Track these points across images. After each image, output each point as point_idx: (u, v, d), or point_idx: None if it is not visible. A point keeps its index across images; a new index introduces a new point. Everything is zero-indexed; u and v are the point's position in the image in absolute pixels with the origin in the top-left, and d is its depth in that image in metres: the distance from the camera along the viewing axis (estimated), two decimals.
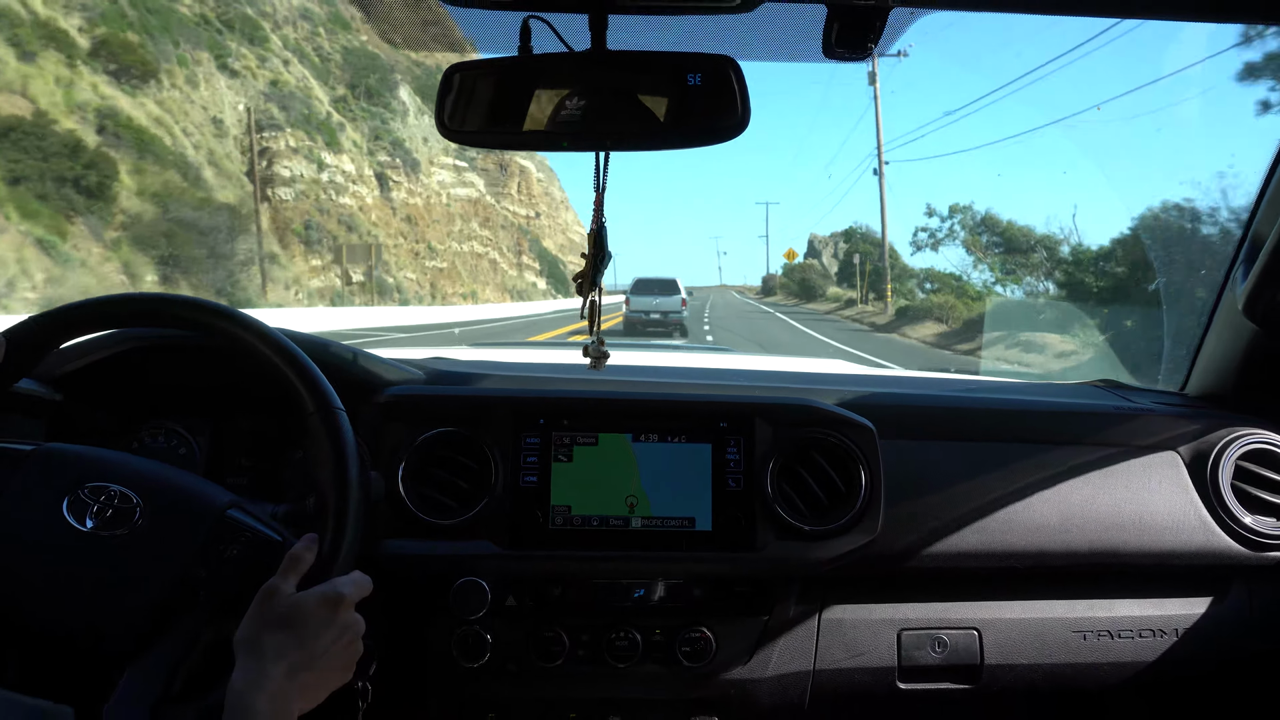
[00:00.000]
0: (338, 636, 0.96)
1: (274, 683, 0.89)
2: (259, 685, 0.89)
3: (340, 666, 0.97)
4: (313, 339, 1.38)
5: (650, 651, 1.39)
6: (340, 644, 0.96)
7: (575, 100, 1.01)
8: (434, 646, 1.37)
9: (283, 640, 0.92)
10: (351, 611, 0.99)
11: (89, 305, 1.10)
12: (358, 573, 1.03)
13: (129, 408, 1.44)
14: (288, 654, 0.91)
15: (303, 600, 0.95)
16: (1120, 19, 1.00)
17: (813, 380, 1.73)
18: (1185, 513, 1.47)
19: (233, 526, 1.04)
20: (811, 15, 0.98)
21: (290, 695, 0.90)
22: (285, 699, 0.90)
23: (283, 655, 0.91)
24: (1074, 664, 1.46)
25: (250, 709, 0.87)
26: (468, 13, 0.96)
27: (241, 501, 1.09)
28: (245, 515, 1.07)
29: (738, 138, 1.00)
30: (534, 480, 1.36)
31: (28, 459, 1.03)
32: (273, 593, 0.95)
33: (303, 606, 0.94)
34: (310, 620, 0.94)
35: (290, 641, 0.92)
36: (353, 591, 0.99)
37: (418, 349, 1.81)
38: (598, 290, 1.18)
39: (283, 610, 0.94)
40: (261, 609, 0.94)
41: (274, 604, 0.94)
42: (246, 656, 0.91)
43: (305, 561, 0.99)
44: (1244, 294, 1.50)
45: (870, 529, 1.37)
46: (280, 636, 0.92)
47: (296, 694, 0.91)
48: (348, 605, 0.98)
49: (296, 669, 0.91)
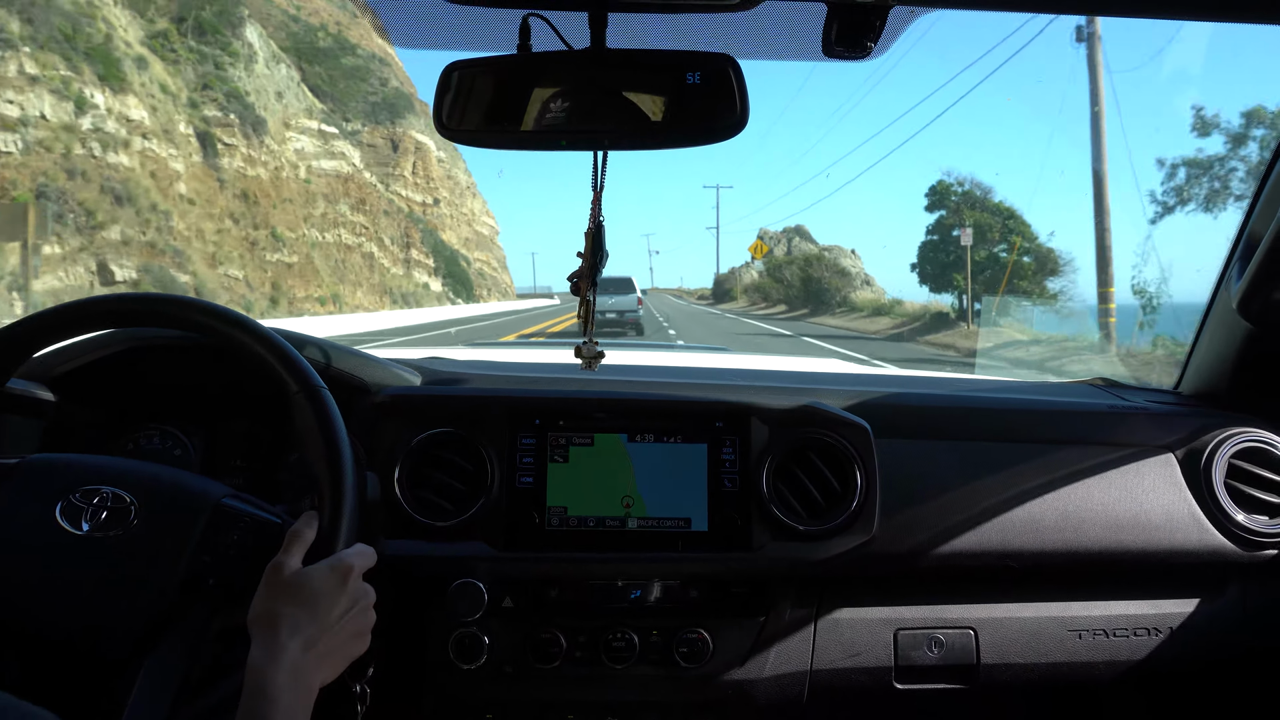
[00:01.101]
0: (349, 606, 0.97)
1: (291, 656, 0.89)
2: (276, 660, 0.88)
3: (355, 635, 0.98)
4: (306, 339, 1.37)
5: (647, 653, 1.38)
6: (353, 613, 0.97)
7: (574, 98, 1.00)
8: (431, 648, 1.37)
9: (296, 614, 0.92)
10: (361, 581, 1.00)
11: (60, 310, 1.09)
12: (361, 544, 1.03)
13: (125, 409, 1.43)
14: (302, 627, 0.91)
15: (311, 573, 0.95)
16: (1121, 18, 1.00)
17: (809, 380, 1.73)
18: (1179, 511, 1.47)
19: (230, 514, 1.04)
20: (811, 13, 0.97)
21: (309, 668, 0.90)
22: (304, 672, 0.90)
23: (297, 629, 0.91)
24: (1070, 663, 1.46)
25: (270, 684, 0.87)
26: (466, 10, 0.95)
27: (236, 491, 1.08)
28: (241, 503, 1.06)
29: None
30: (530, 481, 1.36)
31: (14, 471, 1.02)
32: (279, 569, 0.95)
33: (312, 579, 0.95)
34: (321, 592, 0.94)
35: (303, 615, 0.92)
36: (359, 561, 1.00)
37: (414, 349, 1.81)
38: (593, 291, 1.18)
39: (292, 585, 0.94)
40: (270, 586, 0.94)
41: (282, 580, 0.94)
42: (261, 634, 0.91)
43: (307, 537, 0.99)
44: (1239, 292, 1.51)
45: (866, 529, 1.37)
46: (293, 611, 0.92)
47: (315, 666, 0.91)
48: (356, 574, 0.98)
49: (312, 641, 0.91)
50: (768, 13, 0.97)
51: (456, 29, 1.05)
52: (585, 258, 1.16)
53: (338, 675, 0.96)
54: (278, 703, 0.86)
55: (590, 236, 1.15)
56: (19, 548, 0.98)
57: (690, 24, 1.04)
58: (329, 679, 0.94)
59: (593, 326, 1.24)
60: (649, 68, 1.01)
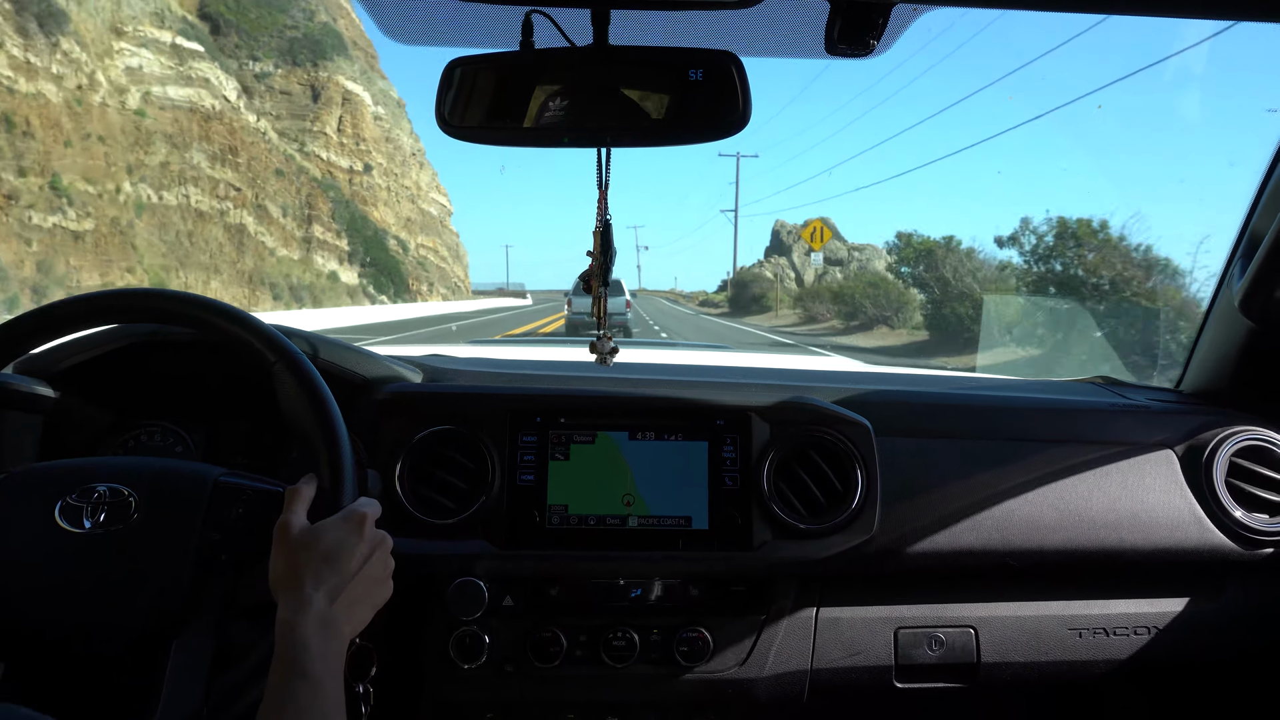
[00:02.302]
0: (369, 553, 0.97)
1: (318, 607, 0.89)
2: (303, 612, 0.88)
3: (378, 582, 0.98)
4: (307, 335, 1.37)
5: (647, 651, 1.38)
6: (373, 559, 0.97)
7: (576, 95, 1.00)
8: (431, 647, 1.37)
9: (316, 567, 0.92)
10: (375, 528, 1.00)
11: (44, 311, 1.08)
12: (366, 497, 1.03)
13: (126, 405, 1.43)
14: (325, 578, 0.91)
15: (324, 526, 0.95)
16: (1120, 16, 1.00)
17: (810, 378, 1.73)
18: (1180, 509, 1.47)
19: (231, 490, 1.04)
20: (814, 11, 0.97)
21: (337, 619, 0.90)
22: (333, 622, 0.90)
23: (320, 580, 0.91)
24: (1070, 661, 1.46)
25: (301, 636, 0.87)
26: (469, 6, 0.95)
27: (232, 470, 1.09)
28: (239, 478, 1.07)
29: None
30: (531, 479, 1.36)
31: (5, 483, 1.02)
32: (287, 527, 0.95)
33: (326, 531, 0.95)
34: (338, 542, 0.94)
35: (324, 568, 0.92)
36: (371, 510, 1.00)
37: (415, 346, 1.80)
38: (604, 288, 1.18)
39: (307, 539, 0.94)
40: (282, 544, 0.94)
41: (294, 537, 0.94)
42: (285, 591, 0.91)
43: (307, 494, 1.00)
44: (1241, 291, 1.51)
45: (867, 527, 1.37)
46: (313, 565, 0.92)
47: (344, 616, 0.91)
48: (369, 522, 0.99)
49: (336, 591, 0.91)
50: (770, 10, 0.97)
51: (459, 25, 1.05)
52: (595, 256, 1.16)
53: (366, 624, 0.96)
54: (310, 651, 0.86)
55: (599, 235, 1.15)
56: (22, 552, 0.98)
57: (692, 21, 1.04)
58: (359, 628, 0.94)
59: (605, 322, 1.24)
60: (651, 65, 1.01)
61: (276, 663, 0.86)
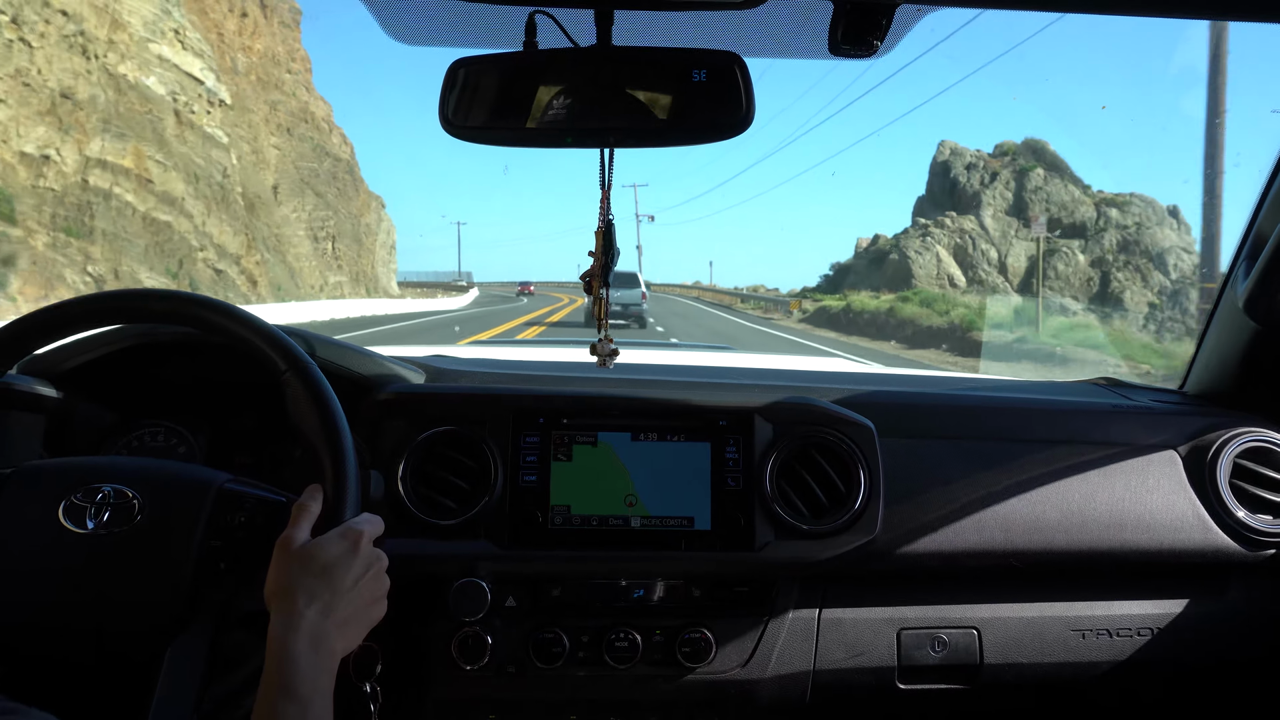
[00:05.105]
0: (363, 571, 0.97)
1: (310, 623, 0.89)
2: (296, 628, 0.89)
3: (372, 601, 0.98)
4: (305, 334, 1.37)
5: (650, 652, 1.38)
6: (368, 578, 0.97)
7: (580, 95, 1.00)
8: (433, 648, 1.37)
9: (311, 584, 0.92)
10: (372, 546, 1.00)
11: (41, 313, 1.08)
12: (368, 513, 1.03)
13: (129, 405, 1.43)
14: (318, 595, 0.92)
15: (322, 542, 0.96)
16: (1120, 16, 1.00)
17: (812, 379, 1.73)
18: (1183, 511, 1.47)
19: (234, 496, 1.04)
20: (818, 11, 0.97)
21: (329, 635, 0.91)
22: (324, 638, 0.90)
23: (314, 597, 0.91)
24: (1073, 663, 1.46)
25: (291, 652, 0.87)
26: (472, 6, 0.95)
27: (236, 476, 1.09)
28: (244, 486, 1.06)
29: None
30: (533, 480, 1.35)
31: (9, 480, 1.02)
32: (288, 542, 0.95)
33: (323, 548, 0.95)
34: (333, 559, 0.94)
35: (318, 584, 0.92)
36: (369, 528, 1.00)
37: (418, 347, 1.81)
38: (605, 288, 1.18)
39: (304, 555, 0.94)
40: (282, 559, 0.94)
41: (293, 552, 0.94)
42: (279, 605, 0.91)
43: (313, 510, 1.00)
44: (1245, 292, 1.51)
45: (869, 528, 1.37)
46: (308, 580, 0.92)
47: (335, 634, 0.92)
48: (367, 540, 0.99)
49: (330, 608, 0.92)
50: (774, 11, 0.97)
51: (463, 26, 1.05)
52: (597, 256, 1.16)
53: (358, 644, 0.96)
54: (299, 669, 0.86)
55: (600, 235, 1.15)
56: (24, 551, 0.98)
57: (696, 21, 1.04)
58: (350, 647, 0.94)
59: (606, 324, 1.24)
60: (655, 65, 1.01)
61: (265, 681, 0.86)
